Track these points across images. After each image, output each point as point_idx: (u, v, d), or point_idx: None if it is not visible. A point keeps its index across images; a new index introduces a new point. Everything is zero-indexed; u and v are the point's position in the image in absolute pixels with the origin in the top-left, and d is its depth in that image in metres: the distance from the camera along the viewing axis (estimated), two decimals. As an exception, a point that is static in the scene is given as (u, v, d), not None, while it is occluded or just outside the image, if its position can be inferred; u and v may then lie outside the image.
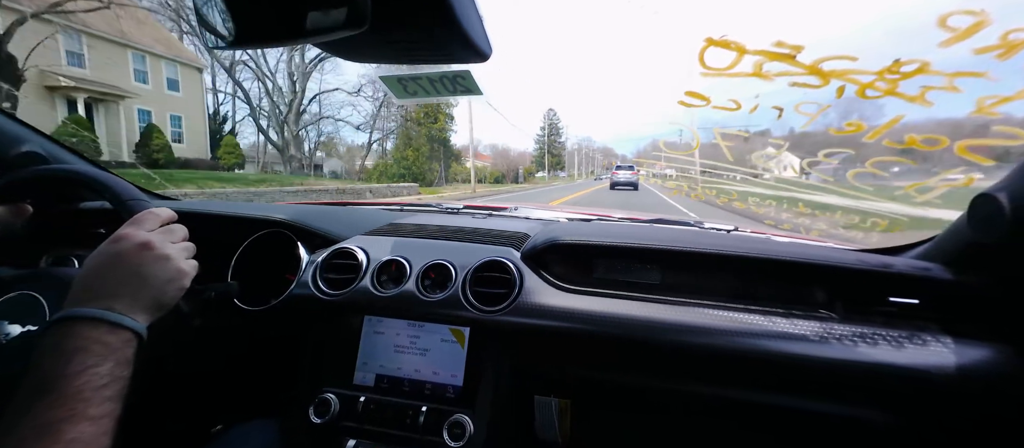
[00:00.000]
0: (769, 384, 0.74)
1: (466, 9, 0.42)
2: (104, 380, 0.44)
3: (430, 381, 0.80)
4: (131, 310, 0.49)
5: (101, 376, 0.44)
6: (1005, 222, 0.62)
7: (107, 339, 0.46)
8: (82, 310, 0.47)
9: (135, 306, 0.50)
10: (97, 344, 0.45)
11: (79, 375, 0.43)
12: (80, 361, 0.43)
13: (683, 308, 0.78)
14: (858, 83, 0.88)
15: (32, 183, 0.73)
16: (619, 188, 19.57)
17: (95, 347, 0.45)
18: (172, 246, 0.57)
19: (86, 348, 0.44)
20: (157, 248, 0.54)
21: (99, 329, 0.46)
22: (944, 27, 0.76)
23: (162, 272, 0.54)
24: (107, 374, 0.44)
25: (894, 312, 0.74)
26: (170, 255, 0.55)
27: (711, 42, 0.91)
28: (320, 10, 0.38)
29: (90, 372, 0.43)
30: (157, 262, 0.54)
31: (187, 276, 0.57)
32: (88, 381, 0.43)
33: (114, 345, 0.46)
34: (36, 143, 1.06)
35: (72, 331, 0.45)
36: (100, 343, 0.45)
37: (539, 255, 0.89)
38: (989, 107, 0.85)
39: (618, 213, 1.40)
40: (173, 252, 0.56)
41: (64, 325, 0.46)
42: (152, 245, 0.54)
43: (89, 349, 0.44)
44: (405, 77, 0.67)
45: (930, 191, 1.08)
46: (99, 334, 0.46)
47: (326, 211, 1.17)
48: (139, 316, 0.50)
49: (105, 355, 0.45)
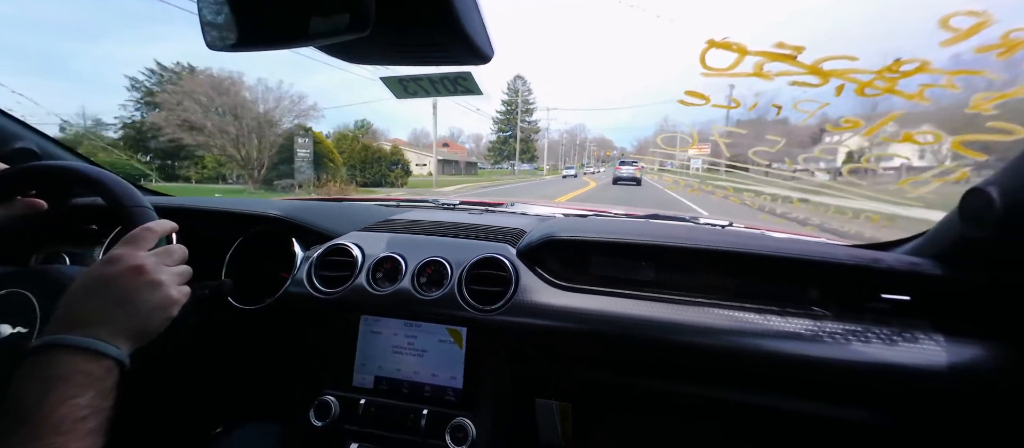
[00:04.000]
0: (765, 384, 0.74)
1: (468, 12, 0.41)
2: (84, 412, 0.42)
3: (429, 383, 0.80)
4: (114, 337, 0.48)
5: (81, 408, 0.42)
6: (995, 216, 0.62)
7: (88, 368, 0.45)
8: (64, 338, 0.46)
9: (119, 334, 0.49)
10: (78, 373, 0.44)
11: (58, 406, 0.41)
12: (61, 392, 0.42)
13: (678, 306, 0.78)
14: (857, 82, 0.88)
15: (25, 179, 0.72)
16: (622, 183, 19.77)
17: (76, 377, 0.44)
18: (166, 271, 0.56)
19: (67, 378, 0.43)
20: (150, 273, 0.53)
21: (80, 358, 0.45)
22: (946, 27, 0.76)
23: (151, 299, 0.52)
24: (87, 405, 0.43)
25: (886, 309, 0.74)
26: (162, 281, 0.54)
27: (713, 43, 0.91)
28: (324, 14, 0.37)
29: (70, 404, 0.42)
30: (148, 288, 0.52)
31: (176, 305, 0.56)
32: (68, 413, 0.41)
33: (96, 374, 0.45)
34: (30, 140, 1.05)
35: (53, 360, 0.44)
36: (81, 372, 0.44)
37: (535, 251, 0.88)
38: (986, 103, 0.85)
39: (614, 209, 1.40)
40: (165, 278, 0.55)
41: (45, 353, 0.44)
42: (145, 270, 0.53)
43: (70, 379, 0.43)
44: (406, 78, 0.67)
45: (924, 186, 1.09)
46: (80, 363, 0.45)
47: (320, 207, 1.17)
48: (122, 344, 0.49)
49: (86, 385, 0.44)
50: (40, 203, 0.74)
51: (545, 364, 0.85)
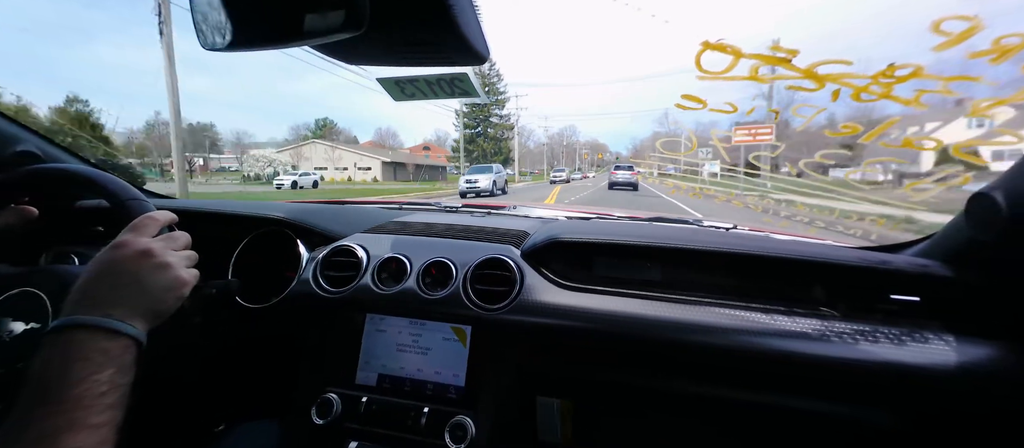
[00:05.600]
0: (770, 383, 0.74)
1: (464, 12, 0.42)
2: (104, 388, 0.44)
3: (432, 381, 0.80)
4: (130, 317, 0.49)
5: (101, 384, 0.44)
6: (1001, 219, 0.62)
7: (106, 346, 0.46)
8: (81, 318, 0.47)
9: (134, 314, 0.50)
10: (96, 351, 0.45)
11: (79, 383, 0.42)
12: (80, 369, 0.43)
13: (684, 306, 0.77)
14: (853, 86, 0.88)
15: (27, 182, 0.73)
16: (617, 188, 19.65)
17: (95, 354, 0.45)
18: (172, 254, 0.57)
19: (86, 356, 0.44)
20: (157, 256, 0.54)
21: (98, 336, 0.46)
22: (938, 32, 0.77)
23: (161, 280, 0.53)
24: (107, 381, 0.44)
25: (895, 310, 0.74)
26: (170, 263, 0.55)
27: (707, 46, 0.92)
28: (318, 12, 0.38)
29: (90, 380, 0.43)
30: (156, 270, 0.53)
31: (186, 285, 0.57)
32: (88, 389, 0.43)
33: (114, 352, 0.46)
34: (32, 143, 1.06)
35: (72, 339, 0.45)
36: (99, 350, 0.45)
37: (539, 253, 0.89)
38: (983, 109, 0.85)
39: (617, 211, 1.40)
40: (173, 260, 0.56)
41: (63, 333, 0.46)
42: (152, 252, 0.54)
43: (88, 357, 0.44)
44: (402, 79, 0.68)
45: (927, 191, 1.09)
46: (98, 341, 0.46)
47: (325, 210, 1.18)
48: (138, 323, 0.50)
49: (105, 362, 0.45)
50: (31, 210, 0.74)
51: (549, 361, 0.85)
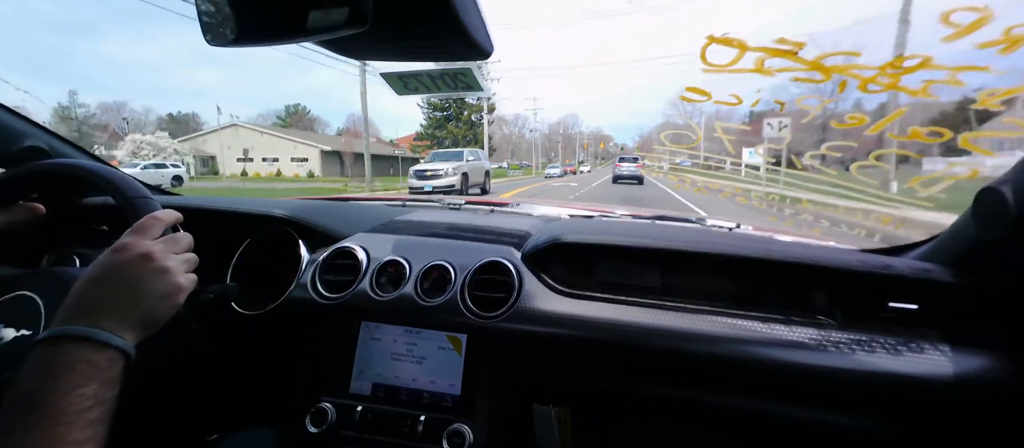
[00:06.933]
0: (769, 392, 0.74)
1: (467, 7, 0.42)
2: (88, 403, 0.43)
3: (428, 390, 0.79)
4: (120, 327, 0.48)
5: (85, 398, 0.43)
6: (1009, 216, 0.61)
7: (93, 358, 0.45)
8: (69, 328, 0.46)
9: (125, 323, 0.49)
10: (83, 363, 0.44)
11: (62, 396, 0.42)
12: (65, 382, 0.42)
13: (683, 314, 0.77)
14: (860, 78, 0.88)
15: (37, 178, 0.73)
16: (622, 181, 19.47)
17: (81, 366, 0.44)
18: (173, 258, 0.56)
19: (71, 367, 0.43)
20: (158, 260, 0.53)
21: (86, 348, 0.45)
22: (947, 23, 0.76)
23: (159, 287, 0.53)
24: (91, 396, 0.43)
25: (893, 318, 0.73)
26: (169, 268, 0.54)
27: (713, 39, 0.91)
28: (322, 9, 0.38)
29: (74, 394, 0.42)
30: (155, 276, 0.53)
31: (183, 292, 0.56)
32: (72, 403, 0.42)
33: (100, 364, 0.45)
34: (39, 138, 1.06)
35: (59, 350, 0.44)
36: (86, 362, 0.44)
37: (540, 255, 0.88)
38: (992, 100, 0.85)
39: (620, 209, 1.40)
40: (173, 265, 0.55)
41: (51, 344, 0.45)
42: (153, 256, 0.53)
43: (74, 369, 0.43)
44: (406, 74, 0.68)
45: (935, 184, 1.08)
46: (86, 353, 0.45)
47: (329, 207, 1.16)
48: (128, 334, 0.49)
49: (91, 375, 0.44)
50: (39, 208, 0.74)
51: (545, 369, 0.84)
